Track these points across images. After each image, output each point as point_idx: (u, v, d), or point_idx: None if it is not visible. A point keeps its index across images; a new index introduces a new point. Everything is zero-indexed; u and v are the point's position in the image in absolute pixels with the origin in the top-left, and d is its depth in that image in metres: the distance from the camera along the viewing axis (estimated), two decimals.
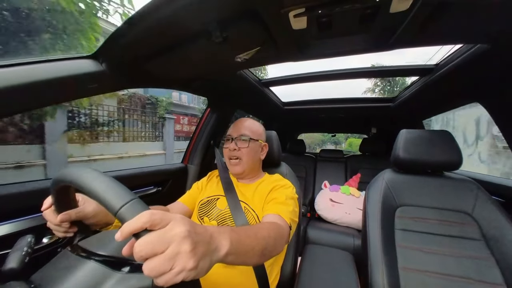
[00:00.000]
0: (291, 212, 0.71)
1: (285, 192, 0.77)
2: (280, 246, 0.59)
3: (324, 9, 0.52)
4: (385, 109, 1.81)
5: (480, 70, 0.88)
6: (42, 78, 0.58)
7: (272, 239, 0.53)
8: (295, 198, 0.79)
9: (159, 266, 0.27)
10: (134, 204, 0.30)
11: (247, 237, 0.44)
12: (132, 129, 6.96)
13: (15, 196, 0.64)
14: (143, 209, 0.30)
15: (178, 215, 0.32)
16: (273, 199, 0.74)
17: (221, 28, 0.58)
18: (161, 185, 1.21)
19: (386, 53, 15.23)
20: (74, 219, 0.48)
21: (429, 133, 0.91)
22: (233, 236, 0.38)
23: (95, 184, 0.32)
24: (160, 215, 0.29)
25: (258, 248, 0.46)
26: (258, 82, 1.39)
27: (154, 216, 0.29)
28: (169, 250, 0.28)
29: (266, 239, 0.50)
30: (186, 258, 0.28)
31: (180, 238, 0.29)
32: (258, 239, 0.48)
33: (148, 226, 0.28)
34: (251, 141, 0.84)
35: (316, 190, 2.17)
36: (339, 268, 0.84)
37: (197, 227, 0.33)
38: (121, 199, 0.30)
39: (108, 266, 0.36)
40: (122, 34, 0.60)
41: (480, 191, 0.82)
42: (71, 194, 0.47)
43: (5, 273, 0.36)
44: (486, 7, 0.53)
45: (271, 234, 0.54)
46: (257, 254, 0.46)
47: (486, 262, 0.71)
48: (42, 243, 0.66)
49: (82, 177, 0.33)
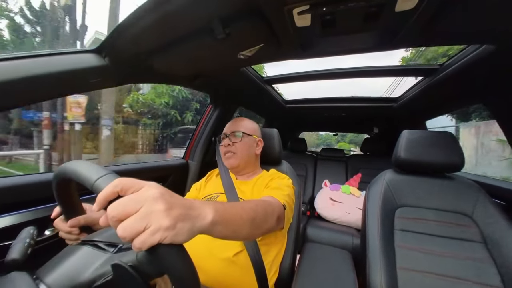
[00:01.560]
0: (285, 195, 0.71)
1: (281, 182, 0.80)
2: (271, 219, 0.57)
3: (329, 7, 0.52)
4: (387, 109, 1.79)
5: (485, 71, 0.87)
6: (45, 71, 0.58)
7: (260, 209, 0.52)
8: (290, 186, 0.80)
9: (132, 224, 0.26)
10: (109, 176, 0.31)
11: (232, 207, 0.43)
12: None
13: (18, 188, 0.65)
14: (115, 178, 0.31)
15: (153, 182, 0.31)
16: (268, 187, 0.77)
17: (224, 25, 0.57)
18: (162, 180, 1.22)
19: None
20: (83, 224, 0.49)
21: (431, 134, 0.91)
22: (218, 205, 0.37)
23: (77, 166, 0.35)
24: (131, 180, 0.29)
25: (246, 216, 0.45)
26: (261, 79, 1.38)
27: (124, 180, 0.29)
28: (142, 209, 0.27)
29: (253, 209, 0.49)
30: (161, 216, 0.27)
31: (152, 198, 0.28)
32: (245, 208, 0.47)
33: (119, 190, 0.28)
34: (244, 136, 0.87)
35: (316, 188, 2.17)
36: (337, 267, 0.85)
37: (174, 194, 0.32)
38: (96, 174, 0.32)
39: (99, 249, 0.38)
40: (125, 29, 0.60)
41: (481, 193, 0.82)
42: (76, 200, 0.49)
43: (7, 264, 0.37)
44: (492, 7, 0.52)
45: (259, 206, 0.53)
46: (247, 223, 0.45)
47: (485, 264, 0.71)
48: (44, 235, 0.67)
49: (69, 165, 0.37)
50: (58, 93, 0.69)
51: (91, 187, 0.31)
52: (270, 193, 0.71)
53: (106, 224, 0.29)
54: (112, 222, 0.27)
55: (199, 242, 0.73)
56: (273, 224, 0.59)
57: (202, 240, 0.73)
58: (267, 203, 0.59)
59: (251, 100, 1.71)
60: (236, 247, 0.70)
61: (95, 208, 0.29)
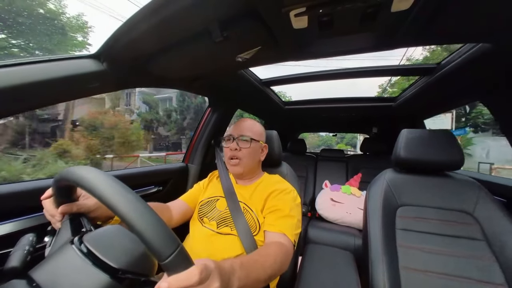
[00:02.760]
0: (295, 225, 0.71)
1: (288, 199, 0.76)
2: (284, 267, 0.61)
3: (325, 8, 0.52)
4: (386, 108, 1.80)
5: (483, 69, 0.88)
6: (43, 77, 0.58)
7: (278, 264, 0.57)
8: (298, 204, 0.79)
9: None
10: (180, 254, 0.31)
11: (255, 270, 0.49)
12: None
13: (17, 195, 0.65)
14: (189, 262, 0.32)
15: (212, 265, 0.36)
16: (277, 210, 0.73)
17: (222, 28, 0.57)
18: (161, 184, 1.22)
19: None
20: (75, 211, 0.48)
21: (430, 132, 0.91)
22: (242, 274, 0.43)
23: (142, 225, 0.31)
24: (205, 272, 0.33)
25: (263, 277, 0.51)
26: (259, 81, 1.39)
27: (202, 275, 0.32)
28: None
29: (272, 267, 0.54)
30: None
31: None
32: (265, 268, 0.52)
33: (197, 285, 0.31)
34: (253, 142, 0.83)
35: (317, 189, 2.17)
36: (339, 268, 0.84)
37: (224, 276, 0.37)
38: (168, 248, 0.30)
39: (120, 282, 0.35)
40: (123, 34, 0.60)
41: (482, 191, 0.82)
42: (73, 189, 0.47)
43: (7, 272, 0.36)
44: (488, 5, 0.52)
45: (277, 260, 0.57)
46: (262, 281, 0.51)
47: (487, 262, 0.71)
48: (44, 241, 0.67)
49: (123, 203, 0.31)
50: (57, 99, 0.69)
51: (160, 261, 0.30)
52: (281, 226, 0.69)
53: None
54: None
55: (199, 244, 0.72)
56: (285, 269, 0.62)
57: (202, 242, 0.72)
58: (283, 251, 0.62)
59: (250, 102, 1.71)
60: (237, 249, 0.70)
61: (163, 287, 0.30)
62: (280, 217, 0.71)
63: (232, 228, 0.73)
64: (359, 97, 1.86)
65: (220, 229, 0.75)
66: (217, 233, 0.74)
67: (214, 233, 0.74)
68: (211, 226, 0.76)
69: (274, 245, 0.63)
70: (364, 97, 1.84)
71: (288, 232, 0.68)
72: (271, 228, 0.69)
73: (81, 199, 0.51)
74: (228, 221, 0.75)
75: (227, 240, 0.72)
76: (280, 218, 0.71)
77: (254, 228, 0.73)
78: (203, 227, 0.77)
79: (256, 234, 0.72)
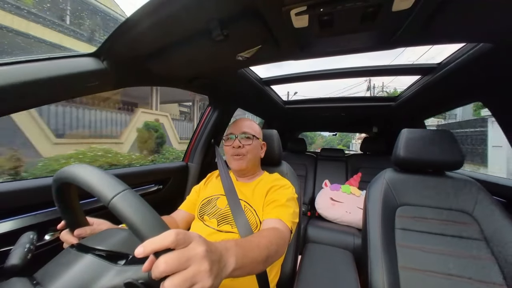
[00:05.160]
0: (291, 215, 0.71)
1: (285, 192, 0.77)
2: (281, 251, 0.60)
3: (326, 8, 0.52)
4: (386, 108, 1.80)
5: (483, 69, 0.88)
6: (44, 76, 0.58)
7: (274, 245, 0.55)
8: (295, 199, 0.80)
9: (182, 284, 0.28)
10: (160, 226, 0.31)
11: (250, 250, 0.46)
12: None
13: (18, 193, 0.65)
14: (165, 227, 0.31)
15: (196, 234, 0.33)
16: (274, 201, 0.74)
17: (222, 26, 0.57)
18: (162, 183, 1.22)
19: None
20: (89, 234, 0.50)
21: (430, 132, 0.91)
22: (238, 252, 0.41)
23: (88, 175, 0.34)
24: (183, 235, 0.31)
25: (261, 258, 0.49)
26: (259, 80, 1.38)
27: (179, 236, 0.30)
28: (191, 268, 0.29)
29: (268, 248, 0.53)
30: (206, 276, 0.30)
31: (200, 257, 0.30)
32: (261, 249, 0.50)
33: (173, 246, 0.29)
34: (254, 138, 0.86)
35: (316, 189, 2.17)
36: (339, 267, 0.84)
37: (211, 246, 0.34)
38: (144, 220, 0.30)
39: (106, 259, 0.36)
40: (123, 32, 0.60)
41: (481, 191, 0.82)
42: (78, 209, 0.49)
43: (7, 270, 0.37)
44: (489, 5, 0.52)
45: (273, 241, 0.56)
46: (261, 263, 0.49)
47: (486, 262, 0.71)
48: (44, 240, 0.67)
49: (83, 174, 0.35)
50: (57, 97, 0.69)
51: (138, 235, 0.30)
52: (277, 213, 0.69)
53: (148, 270, 0.30)
54: (159, 273, 0.28)
55: None
56: (282, 253, 0.62)
57: None
58: (278, 234, 0.61)
59: (250, 101, 1.71)
60: None
61: (139, 254, 0.29)
62: (276, 206, 0.72)
63: (232, 225, 0.73)
64: (359, 96, 1.86)
65: (220, 226, 0.75)
66: (218, 231, 0.74)
67: (214, 231, 0.74)
68: (212, 224, 0.76)
69: (269, 229, 0.63)
70: (365, 96, 1.84)
71: (284, 217, 0.68)
72: (267, 216, 0.71)
73: (95, 226, 0.54)
74: (228, 218, 0.75)
75: (227, 237, 0.72)
76: (276, 207, 0.72)
77: (254, 226, 0.73)
78: (204, 225, 0.77)
79: (256, 231, 0.72)
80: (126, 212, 0.30)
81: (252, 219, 0.74)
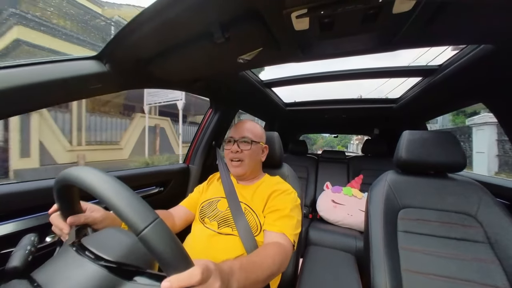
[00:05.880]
0: (295, 226, 0.71)
1: (288, 199, 0.76)
2: (283, 267, 0.61)
3: (327, 10, 0.52)
4: (387, 110, 1.80)
5: (485, 71, 0.87)
6: (47, 78, 0.58)
7: (277, 264, 0.57)
8: (298, 206, 0.79)
9: None
10: (186, 262, 0.32)
11: (253, 272, 0.49)
12: None
13: (19, 195, 0.65)
14: (189, 263, 0.31)
15: (213, 265, 0.35)
16: (277, 210, 0.73)
17: (223, 29, 0.58)
18: (163, 185, 1.22)
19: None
20: (83, 222, 0.50)
21: (432, 134, 0.90)
22: (241, 276, 0.44)
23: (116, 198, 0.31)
24: (206, 272, 0.33)
25: (262, 278, 0.51)
26: (260, 83, 1.39)
27: (204, 275, 0.32)
28: None
29: (271, 268, 0.54)
30: None
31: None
32: (263, 269, 0.52)
33: (198, 285, 0.31)
34: (253, 143, 0.84)
35: (318, 191, 2.16)
36: (341, 270, 0.84)
37: (224, 276, 0.37)
38: (172, 254, 0.30)
39: (118, 275, 0.35)
40: (125, 35, 0.61)
41: (484, 193, 0.81)
42: (76, 199, 0.48)
43: (8, 272, 0.36)
44: (490, 7, 0.52)
45: (276, 260, 0.57)
46: (261, 282, 0.52)
47: (490, 265, 0.70)
48: (45, 242, 0.67)
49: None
50: (59, 100, 0.69)
51: (165, 267, 0.30)
52: (281, 226, 0.69)
53: None
54: None
55: (200, 245, 0.72)
56: (284, 269, 0.63)
57: (203, 243, 0.72)
58: (281, 250, 0.62)
59: (251, 103, 1.72)
60: (237, 250, 0.69)
61: (165, 286, 0.30)
62: (280, 217, 0.71)
63: (233, 228, 0.73)
64: (360, 98, 1.86)
65: (221, 229, 0.74)
66: (218, 233, 0.74)
67: (215, 234, 0.74)
68: (212, 227, 0.76)
69: (273, 245, 0.63)
70: (366, 98, 1.84)
71: (288, 231, 0.68)
72: (271, 227, 0.70)
73: (88, 212, 0.53)
74: (229, 221, 0.75)
75: (228, 240, 0.72)
76: (280, 218, 0.71)
77: (255, 229, 0.73)
78: (204, 227, 0.77)
79: (257, 234, 0.72)
80: (156, 246, 0.29)
81: (253, 221, 0.74)
